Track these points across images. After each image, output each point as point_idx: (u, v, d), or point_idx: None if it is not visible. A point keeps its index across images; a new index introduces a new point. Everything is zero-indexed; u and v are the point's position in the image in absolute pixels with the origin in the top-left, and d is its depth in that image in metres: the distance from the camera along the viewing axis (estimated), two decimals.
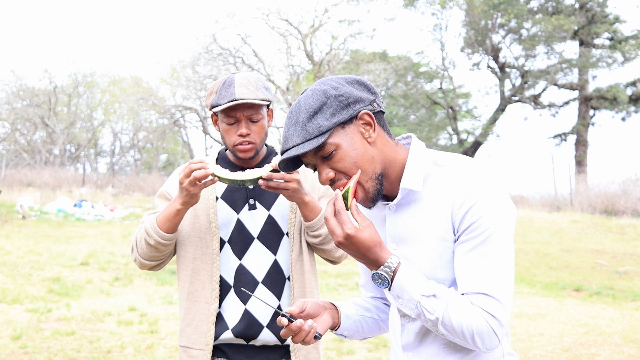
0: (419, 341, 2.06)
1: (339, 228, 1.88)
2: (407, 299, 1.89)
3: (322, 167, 1.97)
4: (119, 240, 15.99)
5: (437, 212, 1.95)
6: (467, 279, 1.89)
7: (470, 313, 1.85)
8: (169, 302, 9.41)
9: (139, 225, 2.93)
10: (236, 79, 2.78)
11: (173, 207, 2.73)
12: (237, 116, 2.77)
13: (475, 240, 1.88)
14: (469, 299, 1.88)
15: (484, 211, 1.88)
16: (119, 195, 30.28)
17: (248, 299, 2.86)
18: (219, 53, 30.79)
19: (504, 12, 33.13)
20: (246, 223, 2.88)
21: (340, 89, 1.95)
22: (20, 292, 9.63)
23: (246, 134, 2.78)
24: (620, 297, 10.83)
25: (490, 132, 35.68)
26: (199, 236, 2.90)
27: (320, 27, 30.04)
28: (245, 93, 2.74)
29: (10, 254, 13.06)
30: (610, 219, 20.89)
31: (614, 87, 33.95)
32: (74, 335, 7.63)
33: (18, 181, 32.92)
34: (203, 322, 2.87)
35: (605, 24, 34.17)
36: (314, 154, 1.95)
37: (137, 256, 2.90)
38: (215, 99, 2.77)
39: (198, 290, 2.89)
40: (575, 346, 7.71)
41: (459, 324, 1.85)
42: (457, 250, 1.92)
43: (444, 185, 1.95)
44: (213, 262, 2.87)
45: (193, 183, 2.61)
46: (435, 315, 1.86)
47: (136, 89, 37.32)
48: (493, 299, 1.87)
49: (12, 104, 46.24)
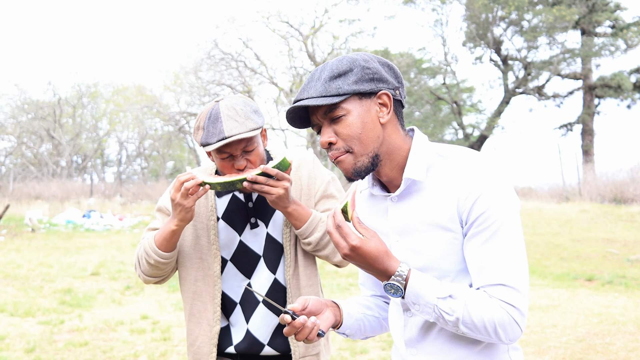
0: (422, 336, 2.05)
1: (344, 241, 1.88)
2: (424, 304, 1.87)
3: (326, 128, 1.96)
4: (128, 249, 16.01)
5: (441, 202, 1.94)
6: (482, 272, 1.88)
7: (489, 306, 1.84)
8: (181, 309, 9.40)
9: (140, 243, 2.90)
10: (222, 110, 2.63)
11: (169, 228, 2.69)
12: (231, 152, 2.65)
13: (486, 232, 1.87)
14: (486, 292, 1.87)
15: (491, 202, 1.87)
16: (127, 204, 30.33)
17: (250, 318, 2.83)
18: (221, 58, 30.85)
19: (505, 4, 33.06)
20: (249, 243, 2.84)
21: (370, 63, 1.95)
22: (32, 305, 9.64)
23: (243, 167, 2.66)
24: (632, 285, 10.78)
25: (495, 125, 35.59)
26: (200, 257, 2.86)
27: (321, 28, 30.05)
28: (234, 128, 2.59)
29: (21, 267, 13.08)
30: (620, 207, 20.82)
31: (618, 75, 33.86)
32: (87, 345, 7.63)
33: (26, 194, 33.00)
34: (205, 343, 2.85)
35: (607, 12, 34.10)
36: (324, 113, 1.94)
37: (140, 273, 2.89)
38: (205, 138, 2.63)
39: (200, 312, 2.87)
40: (589, 336, 7.68)
41: (479, 319, 1.84)
42: (468, 243, 1.91)
43: (447, 175, 1.95)
44: (215, 284, 2.84)
45: (185, 195, 2.57)
46: (455, 315, 1.85)
47: (140, 98, 37.41)
48: (511, 288, 1.85)
49: (17, 118, 46.44)
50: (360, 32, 32.19)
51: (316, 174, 2.94)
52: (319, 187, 2.93)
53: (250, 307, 2.83)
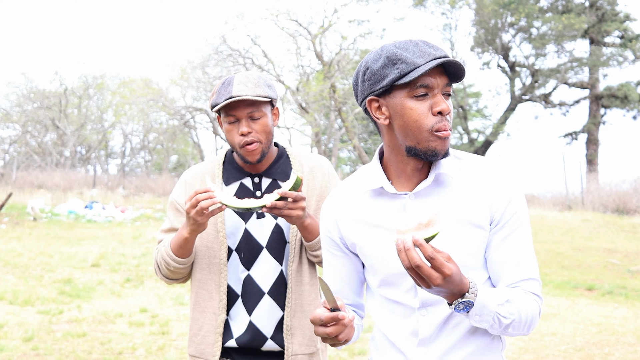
0: (436, 333, 2.04)
1: (437, 272, 1.74)
2: (486, 313, 1.87)
3: (443, 99, 1.95)
4: (129, 242, 16.01)
5: (472, 201, 2.00)
6: (517, 268, 2.01)
7: (529, 302, 1.96)
8: (180, 304, 9.41)
9: (157, 247, 2.90)
10: (235, 77, 2.72)
11: (182, 236, 2.68)
12: (237, 114, 2.71)
13: (517, 232, 2.01)
14: (520, 287, 1.99)
15: (519, 205, 2.02)
16: (130, 196, 30.36)
17: (253, 310, 2.81)
18: (229, 54, 30.80)
19: (514, 11, 33.04)
20: (254, 232, 2.81)
21: None
22: (31, 294, 9.65)
23: (247, 132, 2.70)
24: (632, 296, 10.77)
25: (500, 131, 35.56)
26: (207, 245, 2.84)
27: (329, 28, 29.96)
28: (242, 90, 2.67)
29: (21, 256, 13.10)
30: (622, 218, 20.79)
31: (625, 86, 33.82)
32: (85, 336, 7.63)
33: (29, 183, 33.03)
34: (210, 332, 2.82)
35: (616, 22, 34.04)
36: (445, 82, 1.96)
37: (162, 277, 2.89)
38: (215, 99, 2.72)
39: (205, 301, 2.85)
40: (588, 346, 7.66)
41: (526, 316, 1.94)
42: (498, 241, 2.01)
43: (474, 176, 2.03)
44: (221, 272, 2.82)
45: (200, 213, 2.55)
46: (511, 317, 1.91)
47: (146, 91, 37.35)
48: (537, 281, 2.03)
49: (22, 107, 46.49)
50: (369, 33, 32.09)
51: (330, 179, 2.94)
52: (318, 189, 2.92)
53: (253, 299, 2.80)
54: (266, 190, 2.84)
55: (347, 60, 29.75)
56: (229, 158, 2.95)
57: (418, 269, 1.74)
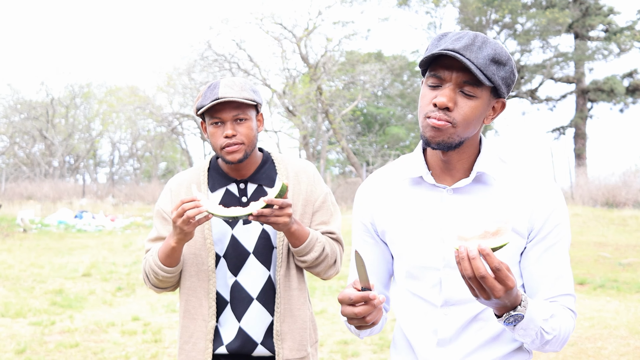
0: (457, 335, 2.02)
1: (500, 284, 1.65)
2: (532, 327, 1.82)
3: (451, 92, 1.88)
4: (120, 250, 15.96)
5: (514, 206, 1.96)
6: (557, 282, 1.97)
7: (567, 318, 1.94)
8: (172, 311, 9.38)
9: (145, 257, 2.90)
10: (222, 81, 2.75)
11: (169, 245, 2.68)
12: (222, 117, 2.72)
13: (559, 244, 1.96)
14: (558, 302, 1.96)
15: (562, 215, 1.97)
16: (120, 205, 30.28)
17: (242, 316, 2.81)
18: (214, 59, 30.80)
19: (498, 8, 33.15)
20: (240, 238, 2.82)
21: (515, 71, 1.96)
22: (23, 306, 9.60)
23: (232, 134, 2.71)
24: (624, 289, 10.80)
25: (488, 128, 35.65)
26: (194, 252, 2.84)
27: (314, 30, 30.01)
28: (229, 92, 2.69)
29: (12, 268, 13.03)
30: (612, 211, 20.86)
31: (611, 79, 33.98)
32: (78, 347, 7.60)
33: (18, 194, 32.88)
34: (201, 339, 2.82)
35: (600, 16, 34.20)
36: (462, 80, 1.87)
37: (151, 286, 2.89)
38: (201, 101, 2.73)
39: (195, 308, 2.85)
40: (581, 340, 7.68)
41: (565, 333, 1.91)
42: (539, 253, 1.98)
43: (517, 181, 2.00)
44: (209, 279, 2.82)
45: (187, 222, 2.54)
46: (554, 333, 1.87)
47: (133, 98, 37.33)
48: (573, 297, 2.00)
49: (9, 118, 46.30)
50: (354, 34, 32.16)
51: (315, 183, 2.94)
52: (319, 195, 2.93)
53: (242, 305, 2.81)
54: (252, 196, 2.84)
55: (333, 62, 29.80)
56: (214, 164, 2.94)
57: (482, 279, 1.64)
